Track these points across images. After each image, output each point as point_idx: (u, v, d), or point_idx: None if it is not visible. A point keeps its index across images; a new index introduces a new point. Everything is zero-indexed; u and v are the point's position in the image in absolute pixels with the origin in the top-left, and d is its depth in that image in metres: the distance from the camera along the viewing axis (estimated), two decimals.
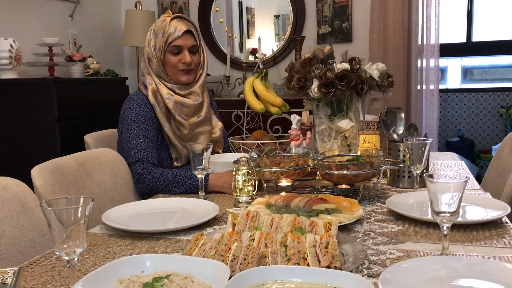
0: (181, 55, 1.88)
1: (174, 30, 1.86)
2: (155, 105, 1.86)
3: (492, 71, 4.54)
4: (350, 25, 3.94)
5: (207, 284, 0.84)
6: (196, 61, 1.92)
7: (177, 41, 1.86)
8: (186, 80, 1.91)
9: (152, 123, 1.85)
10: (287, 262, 0.91)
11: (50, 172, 1.51)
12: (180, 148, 1.90)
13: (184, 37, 1.87)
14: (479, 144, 4.42)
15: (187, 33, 1.88)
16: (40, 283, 0.95)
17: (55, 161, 1.58)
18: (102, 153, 1.80)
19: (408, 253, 1.05)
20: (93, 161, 1.73)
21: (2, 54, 2.95)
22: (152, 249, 1.13)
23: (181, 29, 1.86)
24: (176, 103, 1.87)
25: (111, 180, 1.74)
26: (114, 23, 4.37)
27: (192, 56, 1.89)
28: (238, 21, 4.37)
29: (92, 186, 1.67)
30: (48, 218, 0.83)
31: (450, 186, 0.96)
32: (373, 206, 1.41)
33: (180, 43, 1.87)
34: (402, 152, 1.61)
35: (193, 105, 1.91)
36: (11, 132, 3.03)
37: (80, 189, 1.60)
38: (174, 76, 1.90)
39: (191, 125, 1.91)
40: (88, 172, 1.68)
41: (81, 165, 1.67)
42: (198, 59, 1.94)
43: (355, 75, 1.70)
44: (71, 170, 1.61)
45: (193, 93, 1.93)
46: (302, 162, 1.53)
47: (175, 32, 1.86)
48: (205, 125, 1.97)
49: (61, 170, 1.57)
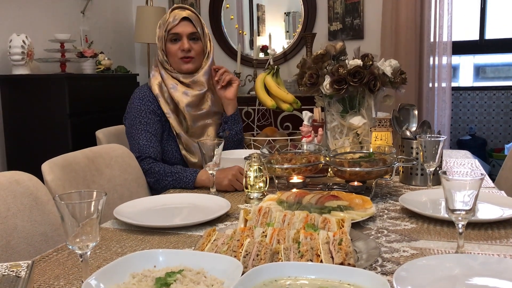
0: (180, 42, 1.89)
1: (173, 18, 1.89)
2: (158, 96, 1.88)
3: (505, 69, 4.49)
4: (362, 22, 3.92)
5: (219, 280, 0.84)
6: (197, 49, 1.91)
7: (175, 28, 1.89)
8: (186, 68, 1.91)
9: (154, 116, 1.86)
10: (300, 258, 0.90)
11: (60, 167, 1.52)
12: (186, 138, 1.90)
13: (181, 24, 1.89)
14: (491, 142, 4.37)
15: (185, 20, 1.89)
16: (53, 276, 0.96)
17: (66, 156, 1.58)
18: (112, 148, 1.80)
19: (422, 251, 1.04)
20: (103, 157, 1.73)
21: (14, 50, 2.98)
22: (164, 244, 1.12)
23: (179, 16, 1.88)
24: (182, 93, 1.89)
25: (121, 176, 1.75)
26: (125, 20, 4.38)
27: (192, 43, 1.90)
28: (249, 18, 4.36)
29: (102, 182, 1.67)
30: (61, 212, 0.83)
31: (466, 183, 0.95)
32: (386, 203, 1.40)
33: (178, 31, 1.89)
34: (415, 149, 1.60)
35: (197, 95, 1.91)
36: (23, 127, 3.05)
37: (90, 185, 1.60)
38: (176, 65, 1.92)
39: (193, 117, 1.91)
40: (98, 168, 1.68)
41: (91, 161, 1.67)
42: (200, 47, 1.93)
43: (368, 72, 1.68)
44: (81, 166, 1.61)
45: (197, 82, 1.92)
46: (314, 158, 1.52)
47: (173, 21, 1.89)
48: (208, 118, 1.96)
49: (71, 165, 1.57)
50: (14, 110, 3.05)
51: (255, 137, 2.04)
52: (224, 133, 1.97)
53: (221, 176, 1.61)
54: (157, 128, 1.86)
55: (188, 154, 1.93)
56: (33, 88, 3.02)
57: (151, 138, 1.82)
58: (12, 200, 1.26)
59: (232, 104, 1.99)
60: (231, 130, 1.98)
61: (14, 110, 3.05)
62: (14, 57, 2.99)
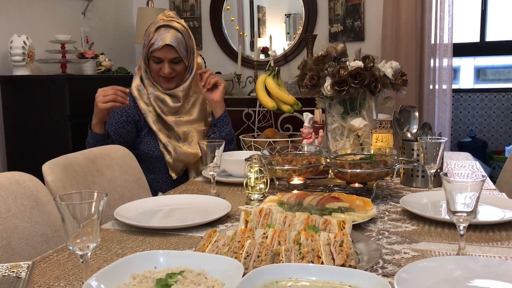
0: (161, 64, 1.96)
1: (156, 40, 1.93)
2: (137, 98, 1.99)
3: (505, 71, 4.49)
4: (363, 24, 3.92)
5: (220, 281, 0.83)
6: (178, 69, 1.99)
7: (156, 52, 1.94)
8: (166, 87, 2.01)
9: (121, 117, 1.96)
10: (301, 260, 0.90)
11: (61, 168, 1.52)
12: (161, 136, 1.98)
13: (163, 50, 1.93)
14: (491, 145, 4.37)
15: (168, 47, 1.92)
16: (53, 277, 0.95)
17: (66, 157, 1.58)
18: (113, 149, 1.80)
19: (423, 253, 1.03)
20: (104, 158, 1.73)
21: (15, 50, 2.98)
22: (165, 245, 1.12)
23: (163, 42, 1.92)
24: (156, 98, 1.99)
25: (121, 177, 1.75)
26: (126, 21, 4.38)
27: (173, 66, 1.97)
28: (249, 19, 4.36)
29: (102, 183, 1.67)
30: (62, 213, 0.83)
31: (468, 185, 0.94)
32: (387, 205, 1.40)
33: (160, 55, 1.95)
34: (416, 151, 1.60)
35: (172, 106, 2.00)
36: (24, 128, 3.05)
37: (90, 186, 1.60)
38: (157, 80, 2.01)
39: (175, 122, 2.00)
40: (98, 169, 1.68)
41: (91, 162, 1.67)
42: (182, 67, 2.00)
43: (369, 73, 1.68)
44: (81, 167, 1.61)
45: (173, 95, 2.01)
46: (315, 160, 1.52)
47: (156, 43, 1.93)
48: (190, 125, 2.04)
49: (72, 166, 1.57)
50: (14, 110, 3.05)
51: (255, 139, 2.04)
52: (215, 135, 2.00)
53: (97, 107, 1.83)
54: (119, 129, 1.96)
55: (165, 151, 2.00)
56: (33, 89, 3.02)
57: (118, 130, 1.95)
58: (13, 201, 1.26)
59: (219, 106, 2.03)
60: (221, 132, 2.02)
61: (15, 110, 3.05)
62: (14, 58, 2.99)
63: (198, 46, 4.37)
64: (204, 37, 4.37)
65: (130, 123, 1.99)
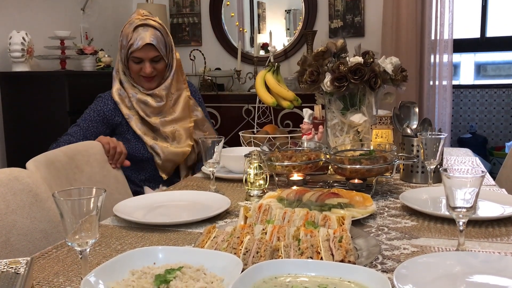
0: (142, 64, 1.93)
1: (135, 40, 1.90)
2: (118, 103, 1.95)
3: (506, 67, 4.48)
4: (363, 20, 3.91)
5: (219, 277, 0.83)
6: (159, 68, 1.96)
7: (137, 53, 1.91)
8: (147, 87, 1.97)
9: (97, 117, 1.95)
10: (300, 255, 0.90)
11: (44, 165, 1.51)
12: (147, 139, 1.95)
13: (144, 49, 1.90)
14: (491, 141, 4.37)
15: (148, 46, 1.90)
16: (52, 273, 0.95)
17: (47, 155, 1.58)
18: (90, 145, 1.80)
19: (422, 249, 1.03)
20: (82, 154, 1.73)
21: (14, 46, 2.97)
22: (164, 241, 1.12)
23: (143, 41, 1.89)
24: (138, 101, 1.95)
25: (100, 173, 1.75)
26: (125, 17, 4.36)
27: (154, 64, 1.94)
28: (249, 15, 4.35)
29: (83, 179, 1.67)
30: (61, 209, 0.83)
31: (467, 181, 0.94)
32: (386, 201, 1.40)
33: (140, 55, 1.92)
34: (416, 147, 1.59)
35: (156, 106, 1.97)
36: (23, 124, 3.05)
37: (72, 183, 1.60)
38: (138, 80, 1.97)
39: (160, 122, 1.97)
40: (78, 165, 1.68)
41: (71, 158, 1.67)
42: (163, 65, 1.97)
43: (369, 69, 1.68)
44: (62, 164, 1.61)
45: (155, 95, 1.97)
46: (314, 156, 1.52)
47: (135, 43, 1.90)
48: (175, 124, 2.01)
49: (54, 163, 1.57)
50: (14, 107, 3.05)
51: (255, 135, 2.03)
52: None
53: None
54: (91, 127, 1.94)
55: (153, 153, 1.97)
56: (33, 85, 3.01)
57: (77, 132, 1.92)
58: (12, 197, 1.26)
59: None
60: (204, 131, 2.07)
61: (14, 107, 3.05)
62: (14, 54, 2.98)
63: (198, 42, 4.36)
64: (204, 33, 4.36)
65: (104, 125, 1.96)
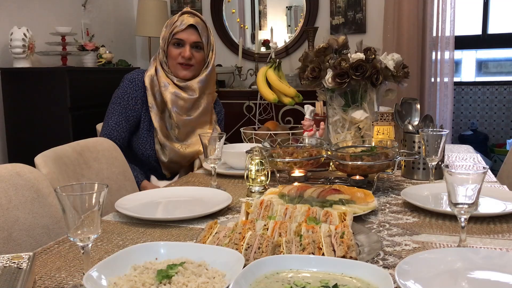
0: (182, 48, 1.91)
1: (180, 23, 1.89)
2: (147, 89, 1.91)
3: (507, 64, 4.47)
4: (364, 16, 3.90)
5: (221, 272, 0.83)
6: (198, 58, 1.93)
7: (180, 34, 1.90)
8: (183, 75, 1.93)
9: (134, 103, 1.91)
10: (302, 251, 0.90)
11: (53, 160, 1.51)
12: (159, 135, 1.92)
13: (187, 31, 1.90)
14: (493, 138, 4.36)
15: (191, 28, 1.90)
16: (54, 268, 0.95)
17: (56, 150, 1.57)
18: (98, 142, 1.80)
19: (424, 245, 1.03)
20: (90, 150, 1.73)
21: (15, 43, 2.97)
22: (165, 237, 1.12)
23: (187, 22, 1.89)
24: (169, 91, 1.91)
25: (108, 169, 1.75)
26: (126, 13, 4.37)
27: (194, 51, 1.92)
28: (250, 12, 4.34)
29: (91, 175, 1.67)
30: (63, 204, 0.83)
31: (469, 177, 0.94)
32: (388, 197, 1.40)
33: (183, 37, 1.90)
34: (417, 143, 1.59)
35: (188, 99, 1.92)
36: (24, 120, 3.05)
37: (79, 178, 1.60)
38: (174, 69, 1.93)
39: (181, 121, 1.93)
40: (86, 161, 1.68)
41: (79, 154, 1.67)
42: (201, 56, 1.95)
43: (370, 65, 1.68)
44: (70, 159, 1.61)
45: (189, 88, 1.94)
46: (316, 152, 1.52)
47: (180, 25, 1.89)
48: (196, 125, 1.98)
49: (62, 159, 1.57)
50: (15, 103, 3.05)
51: (256, 131, 2.03)
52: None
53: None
54: (131, 115, 1.91)
55: (160, 150, 1.95)
56: (34, 81, 3.01)
57: (121, 123, 1.90)
58: (14, 193, 1.26)
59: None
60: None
61: (15, 103, 3.05)
62: (15, 50, 2.98)
63: None
64: None
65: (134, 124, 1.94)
